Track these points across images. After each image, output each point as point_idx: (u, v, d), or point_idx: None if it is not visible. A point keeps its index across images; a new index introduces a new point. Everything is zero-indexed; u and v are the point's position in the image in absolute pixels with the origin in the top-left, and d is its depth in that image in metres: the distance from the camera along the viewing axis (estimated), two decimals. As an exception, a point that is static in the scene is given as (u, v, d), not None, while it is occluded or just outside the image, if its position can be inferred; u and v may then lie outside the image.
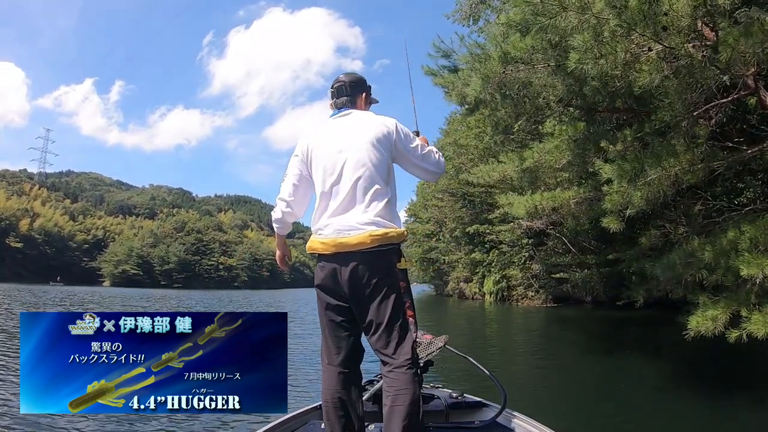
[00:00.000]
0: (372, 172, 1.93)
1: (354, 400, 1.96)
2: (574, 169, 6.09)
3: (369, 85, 2.26)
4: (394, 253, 1.91)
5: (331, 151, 2.00)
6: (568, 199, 6.32)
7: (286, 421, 2.38)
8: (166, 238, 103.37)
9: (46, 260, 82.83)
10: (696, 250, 4.43)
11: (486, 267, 25.14)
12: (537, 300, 21.46)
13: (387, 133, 2.01)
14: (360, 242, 1.86)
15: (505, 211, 18.08)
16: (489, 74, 5.96)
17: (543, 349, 10.23)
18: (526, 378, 6.79)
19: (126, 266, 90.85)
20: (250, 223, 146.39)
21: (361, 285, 1.87)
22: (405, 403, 1.78)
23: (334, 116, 2.12)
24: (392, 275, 1.89)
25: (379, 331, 1.87)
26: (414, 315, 1.93)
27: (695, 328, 4.08)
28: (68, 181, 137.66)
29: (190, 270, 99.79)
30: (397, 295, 1.87)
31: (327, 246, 1.92)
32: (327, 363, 2.01)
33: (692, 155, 4.24)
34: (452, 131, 26.49)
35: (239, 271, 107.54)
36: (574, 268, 17.76)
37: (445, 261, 31.68)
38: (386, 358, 1.87)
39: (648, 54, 3.96)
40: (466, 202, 24.99)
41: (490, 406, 2.66)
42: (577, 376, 7.06)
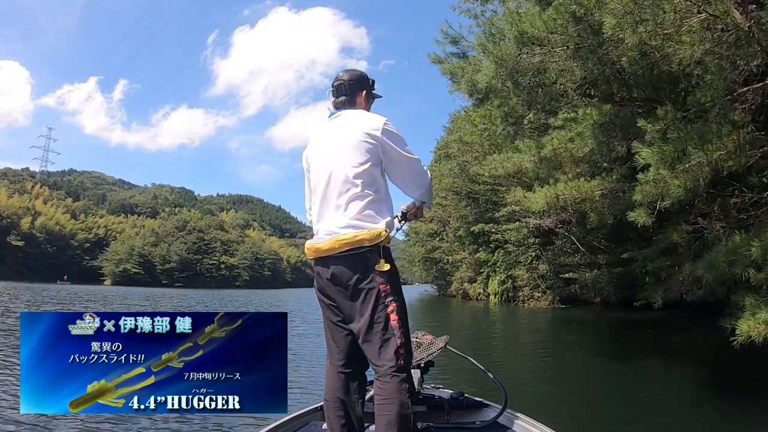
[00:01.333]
0: (350, 175, 1.91)
1: (353, 401, 1.96)
2: (598, 158, 5.67)
3: (372, 81, 2.22)
4: (372, 255, 1.87)
5: (319, 157, 2.05)
6: (592, 190, 5.86)
7: (287, 421, 2.40)
8: (167, 237, 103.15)
9: (47, 259, 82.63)
10: (739, 246, 3.96)
11: (491, 267, 24.72)
12: (544, 301, 20.92)
13: (371, 134, 1.95)
14: (329, 247, 1.89)
15: (512, 209, 17.82)
16: (503, 57, 5.54)
17: (549, 351, 9.92)
18: (530, 379, 6.65)
19: (127, 265, 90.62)
20: (252, 223, 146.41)
21: (341, 289, 1.89)
22: (389, 413, 1.77)
23: (330, 118, 2.12)
24: (369, 278, 1.85)
25: (362, 335, 1.87)
26: (400, 319, 1.86)
27: (745, 332, 3.61)
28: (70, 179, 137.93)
29: (191, 269, 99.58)
30: (376, 297, 1.84)
31: (309, 251, 1.99)
32: (329, 362, 2.04)
33: (737, 138, 3.79)
34: (456, 129, 26.09)
35: (240, 270, 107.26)
36: (584, 268, 17.32)
37: (448, 261, 31.34)
38: (372, 364, 1.88)
39: (690, 23, 3.53)
40: (470, 200, 24.39)
41: (491, 406, 2.65)
42: (586, 379, 6.73)
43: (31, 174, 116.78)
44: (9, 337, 8.88)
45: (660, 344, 10.12)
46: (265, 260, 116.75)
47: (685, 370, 6.88)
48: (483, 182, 21.15)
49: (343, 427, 1.93)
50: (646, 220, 4.93)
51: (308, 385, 5.66)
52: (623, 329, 12.87)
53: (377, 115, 2.04)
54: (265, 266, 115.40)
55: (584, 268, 17.28)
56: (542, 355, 9.35)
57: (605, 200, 5.95)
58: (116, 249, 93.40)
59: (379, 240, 1.87)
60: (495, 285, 23.91)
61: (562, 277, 18.90)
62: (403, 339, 1.84)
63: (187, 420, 4.18)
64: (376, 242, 1.87)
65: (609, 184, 5.85)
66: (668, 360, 7.90)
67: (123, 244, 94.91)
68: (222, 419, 4.15)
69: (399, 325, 1.85)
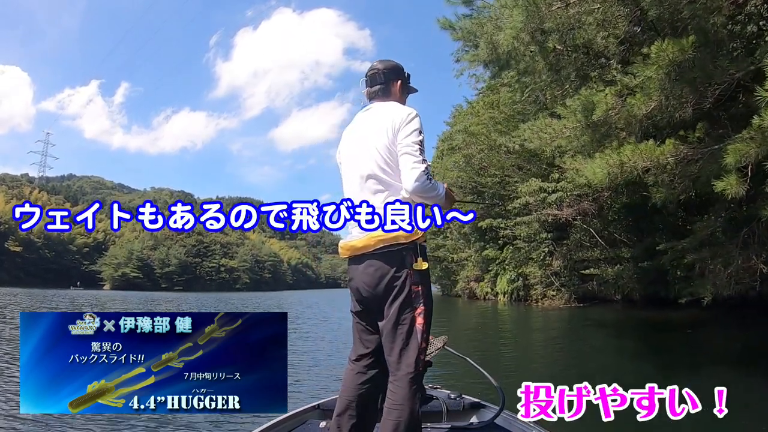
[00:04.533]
0: (379, 169, 1.86)
1: (365, 402, 1.92)
2: (665, 116, 4.67)
3: (407, 74, 2.13)
4: (408, 253, 1.82)
5: (349, 153, 2.00)
6: (664, 155, 4.84)
7: (283, 420, 2.39)
8: (166, 240, 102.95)
9: (46, 264, 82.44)
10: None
11: (500, 265, 23.71)
12: (559, 300, 19.73)
13: (396, 126, 1.86)
14: (365, 245, 1.84)
15: (525, 201, 17.07)
16: (535, 2, 4.77)
17: (565, 353, 9.14)
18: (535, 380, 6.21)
19: (126, 269, 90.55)
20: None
21: (372, 288, 1.85)
22: (397, 419, 1.74)
23: (361, 111, 2.07)
24: (402, 277, 1.81)
25: (384, 335, 1.84)
26: (425, 323, 1.82)
27: None
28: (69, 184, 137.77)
29: (190, 272, 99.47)
30: (406, 298, 1.80)
31: (343, 250, 1.95)
32: (350, 359, 2.02)
33: None
34: (459, 122, 24.95)
35: (240, 273, 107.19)
36: (603, 263, 16.18)
37: (453, 259, 30.50)
38: (390, 366, 1.84)
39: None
40: (475, 195, 22.66)
41: (488, 407, 2.64)
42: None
43: (30, 179, 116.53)
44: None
45: (713, 345, 8.84)
46: (266, 262, 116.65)
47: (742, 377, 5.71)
48: (491, 175, 20.45)
49: (351, 425, 1.90)
50: (736, 190, 4.16)
51: (308, 386, 5.63)
52: (657, 329, 11.64)
53: (406, 107, 1.96)
54: (265, 268, 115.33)
55: (604, 263, 16.14)
56: (558, 356, 8.69)
57: (681, 168, 4.94)
58: (115, 253, 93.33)
59: (414, 237, 1.81)
60: (504, 284, 22.97)
61: (578, 274, 18.12)
62: (424, 344, 1.81)
63: (187, 420, 4.18)
64: (412, 239, 1.81)
65: (685, 150, 4.82)
66: (740, 365, 6.64)
67: (122, 248, 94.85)
68: (222, 419, 4.13)
69: (423, 329, 1.81)
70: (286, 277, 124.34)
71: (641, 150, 4.86)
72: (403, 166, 1.82)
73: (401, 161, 1.83)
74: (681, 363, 6.80)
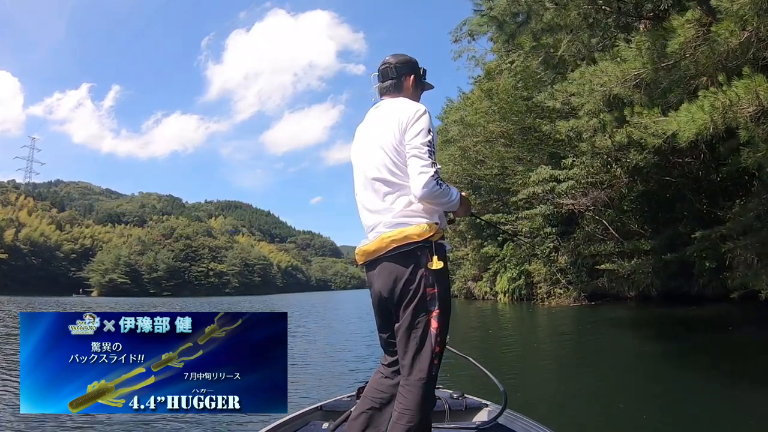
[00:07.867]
0: (387, 171, 1.81)
1: (383, 406, 1.88)
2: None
3: (423, 69, 2.05)
4: (423, 252, 1.75)
5: (359, 153, 1.94)
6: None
7: (286, 421, 2.38)
8: (154, 245, 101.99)
9: (33, 271, 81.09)
10: None
11: (500, 262, 22.12)
12: (566, 298, 18.01)
13: (403, 124, 1.79)
14: (377, 248, 1.80)
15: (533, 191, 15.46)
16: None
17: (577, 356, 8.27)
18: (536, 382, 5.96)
19: (114, 275, 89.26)
20: (241, 228, 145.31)
21: (388, 292, 1.79)
22: (407, 424, 1.69)
23: (372, 108, 2.00)
24: (416, 279, 1.74)
25: (398, 337, 1.79)
26: (440, 327, 1.75)
27: None
28: (57, 190, 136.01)
29: (179, 277, 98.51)
30: (419, 302, 1.74)
31: (358, 256, 1.91)
32: (381, 363, 2.00)
33: None
34: (454, 110, 23.27)
35: (230, 277, 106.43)
36: (616, 257, 14.66)
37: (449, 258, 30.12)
38: (402, 370, 1.79)
39: None
40: (472, 189, 21.22)
41: (490, 406, 2.64)
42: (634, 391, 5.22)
43: (16, 185, 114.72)
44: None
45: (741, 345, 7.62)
46: (255, 266, 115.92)
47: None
48: (490, 167, 19.46)
49: (363, 423, 1.87)
50: None
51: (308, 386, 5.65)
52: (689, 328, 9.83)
53: (414, 103, 1.87)
54: (254, 272, 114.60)
55: (618, 257, 14.56)
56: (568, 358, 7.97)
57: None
58: (102, 259, 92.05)
59: (428, 235, 1.74)
60: (504, 282, 21.37)
61: (587, 270, 16.82)
62: (438, 348, 1.74)
63: (187, 420, 4.20)
64: (426, 237, 1.74)
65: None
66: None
67: (109, 254, 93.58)
68: (222, 419, 4.16)
69: (438, 333, 1.74)
70: (276, 280, 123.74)
71: (760, 80, 3.64)
72: (411, 170, 1.75)
73: (409, 164, 1.76)
74: (743, 372, 5.61)
